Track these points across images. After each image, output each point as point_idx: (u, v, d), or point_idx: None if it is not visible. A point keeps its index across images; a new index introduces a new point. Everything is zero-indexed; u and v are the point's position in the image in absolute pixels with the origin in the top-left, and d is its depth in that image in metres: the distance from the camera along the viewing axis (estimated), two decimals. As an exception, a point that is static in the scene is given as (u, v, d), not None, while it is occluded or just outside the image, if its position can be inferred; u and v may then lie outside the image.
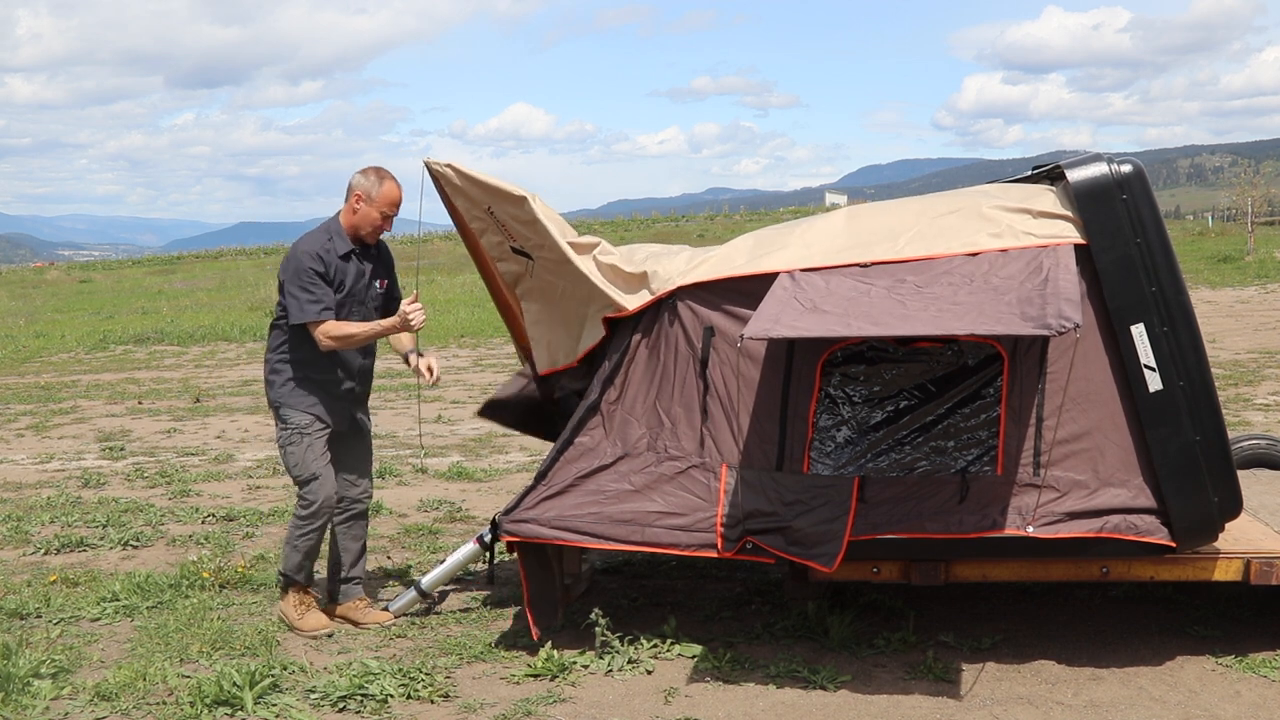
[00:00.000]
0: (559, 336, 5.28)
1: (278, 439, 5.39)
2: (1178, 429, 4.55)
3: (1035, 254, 4.63)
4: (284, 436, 5.33)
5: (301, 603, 5.42)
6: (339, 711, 4.48)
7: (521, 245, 5.16)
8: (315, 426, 5.31)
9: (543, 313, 5.28)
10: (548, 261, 5.11)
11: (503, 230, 5.16)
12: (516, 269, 5.25)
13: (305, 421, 5.30)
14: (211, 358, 19.12)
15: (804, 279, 4.71)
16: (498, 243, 5.22)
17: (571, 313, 5.20)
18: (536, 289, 5.25)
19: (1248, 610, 5.29)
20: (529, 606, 5.01)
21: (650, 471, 4.86)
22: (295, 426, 5.29)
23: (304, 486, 5.30)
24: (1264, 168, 47.67)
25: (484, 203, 5.13)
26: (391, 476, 8.97)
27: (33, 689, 4.64)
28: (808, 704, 4.45)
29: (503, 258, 5.25)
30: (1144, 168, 4.67)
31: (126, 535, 7.22)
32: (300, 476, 5.30)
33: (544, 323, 5.29)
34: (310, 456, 5.27)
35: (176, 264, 52.51)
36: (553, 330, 5.28)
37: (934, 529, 4.62)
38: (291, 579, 5.40)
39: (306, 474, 5.28)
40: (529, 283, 5.25)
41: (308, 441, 5.28)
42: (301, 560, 5.37)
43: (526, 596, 5.02)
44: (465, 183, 5.11)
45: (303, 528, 5.32)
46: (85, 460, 10.25)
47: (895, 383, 4.67)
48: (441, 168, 5.14)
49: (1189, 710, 4.34)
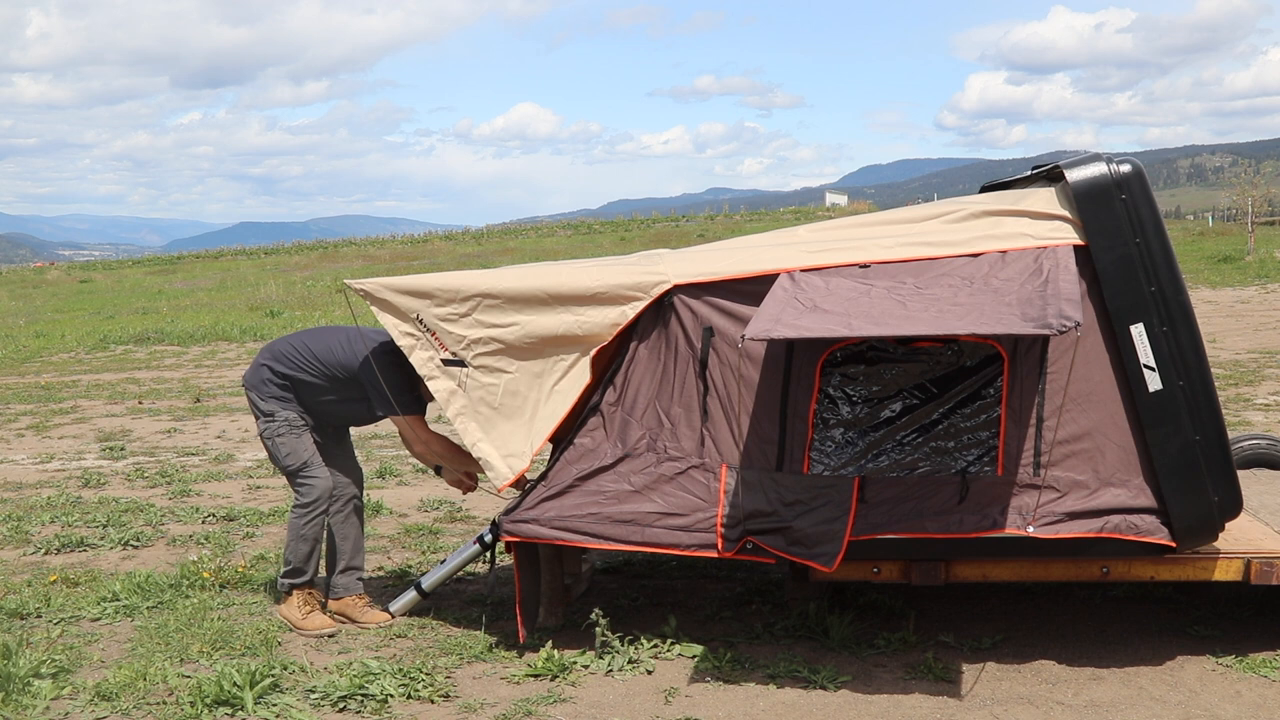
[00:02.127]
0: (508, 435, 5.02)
1: (264, 433, 5.43)
2: (1178, 429, 4.55)
3: (1035, 255, 4.64)
4: (271, 429, 5.40)
5: (305, 603, 5.46)
6: (339, 711, 4.48)
7: (455, 351, 4.98)
8: (300, 423, 5.43)
9: (482, 425, 5.03)
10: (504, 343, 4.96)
11: (433, 341, 5.01)
12: (449, 385, 5.03)
13: (292, 416, 5.41)
14: (211, 358, 19.12)
15: (804, 279, 4.71)
16: (427, 359, 5.03)
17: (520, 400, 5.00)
18: (470, 403, 5.01)
19: (1248, 610, 5.29)
20: (518, 608, 5.03)
21: (650, 472, 4.86)
22: (282, 419, 5.40)
23: (300, 474, 5.39)
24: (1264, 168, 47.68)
25: (412, 311, 5.01)
26: (391, 476, 8.98)
27: (33, 689, 4.64)
28: (808, 704, 4.45)
29: (433, 376, 5.04)
30: (1143, 167, 4.67)
31: (127, 535, 7.22)
32: (293, 466, 5.38)
33: (486, 436, 5.02)
34: (301, 445, 5.38)
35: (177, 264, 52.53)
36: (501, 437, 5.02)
37: (934, 529, 4.62)
38: (300, 573, 5.43)
39: (298, 462, 5.37)
40: (461, 400, 5.02)
41: (297, 432, 5.39)
42: (310, 550, 5.42)
43: (518, 597, 5.04)
44: (391, 294, 5.02)
45: (305, 515, 5.39)
46: (85, 460, 10.26)
47: (895, 383, 4.67)
48: (361, 285, 5.09)
49: (1189, 710, 4.34)
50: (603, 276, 4.93)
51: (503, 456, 5.01)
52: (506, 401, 5.02)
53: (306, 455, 5.37)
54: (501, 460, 5.00)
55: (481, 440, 5.02)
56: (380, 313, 5.09)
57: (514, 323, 4.98)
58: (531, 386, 5.03)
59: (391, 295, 5.05)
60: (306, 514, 5.38)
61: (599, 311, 4.92)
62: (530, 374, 5.02)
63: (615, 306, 4.92)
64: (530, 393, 5.03)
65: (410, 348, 5.06)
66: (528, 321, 4.96)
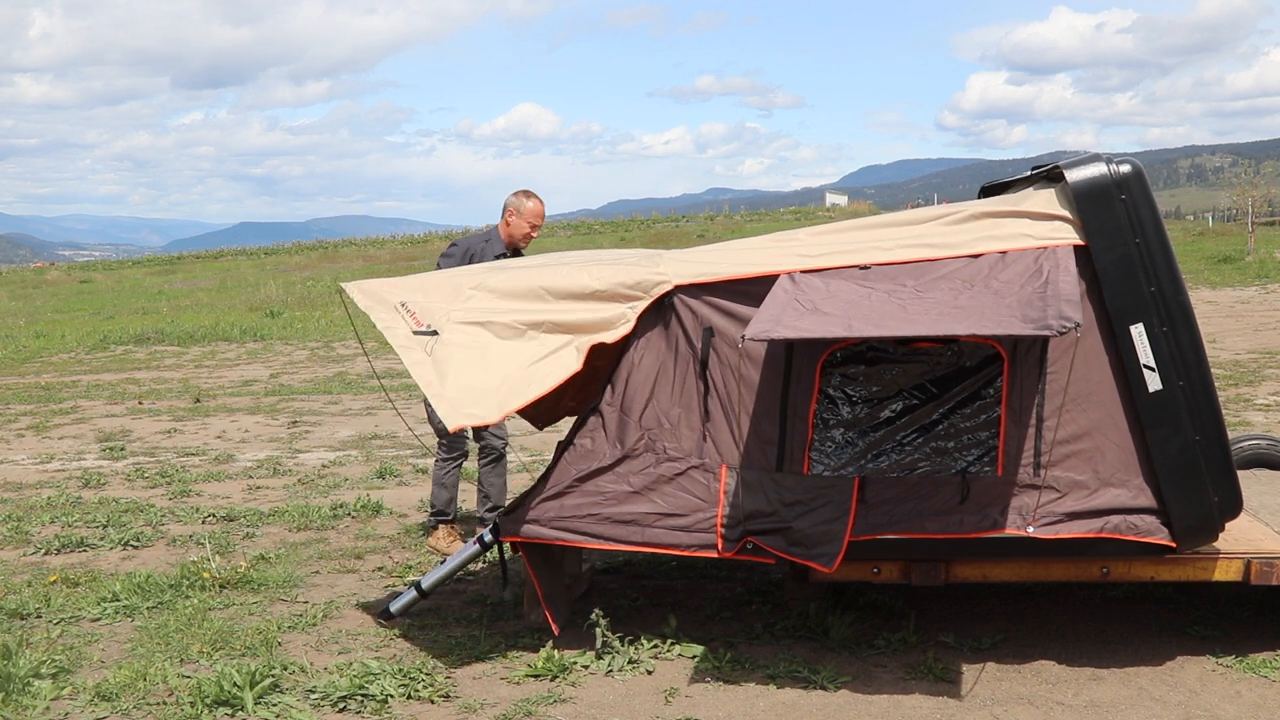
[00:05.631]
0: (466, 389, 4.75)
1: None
2: (1178, 429, 4.55)
3: (1035, 256, 4.64)
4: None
5: (449, 535, 6.72)
6: (339, 711, 4.48)
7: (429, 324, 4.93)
8: None
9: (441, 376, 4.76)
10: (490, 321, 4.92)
11: (410, 319, 4.97)
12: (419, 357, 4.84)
13: None
14: (211, 358, 19.12)
15: (804, 281, 4.71)
16: (402, 333, 4.91)
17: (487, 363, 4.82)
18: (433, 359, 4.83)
19: (1248, 610, 5.29)
20: (545, 604, 5.02)
21: (650, 472, 4.86)
22: None
23: (445, 435, 6.53)
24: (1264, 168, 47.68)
25: (398, 299, 5.06)
26: (392, 476, 8.98)
27: (33, 689, 4.65)
28: (808, 704, 4.46)
29: (405, 345, 4.87)
30: (1143, 168, 4.67)
31: (127, 535, 7.22)
32: (441, 427, 6.37)
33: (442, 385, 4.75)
34: None
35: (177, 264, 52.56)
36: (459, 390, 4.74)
37: (934, 529, 4.62)
38: (443, 514, 6.74)
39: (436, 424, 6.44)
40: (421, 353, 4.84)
41: None
42: (449, 496, 6.74)
43: (540, 595, 5.03)
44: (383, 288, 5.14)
45: (445, 467, 6.75)
46: (85, 460, 10.26)
47: (895, 383, 4.67)
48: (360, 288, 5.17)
49: (1189, 710, 4.34)
50: (603, 276, 4.93)
51: (453, 403, 4.69)
52: (473, 359, 4.81)
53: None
54: (451, 405, 4.68)
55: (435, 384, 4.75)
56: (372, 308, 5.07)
57: (508, 309, 4.97)
58: (505, 358, 4.84)
59: (382, 289, 5.08)
60: (447, 465, 6.73)
61: (597, 307, 4.92)
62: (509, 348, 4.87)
63: (615, 305, 4.92)
64: (502, 364, 4.82)
65: (389, 327, 4.94)
66: (521, 309, 4.96)
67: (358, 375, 15.75)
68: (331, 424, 11.92)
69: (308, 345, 20.68)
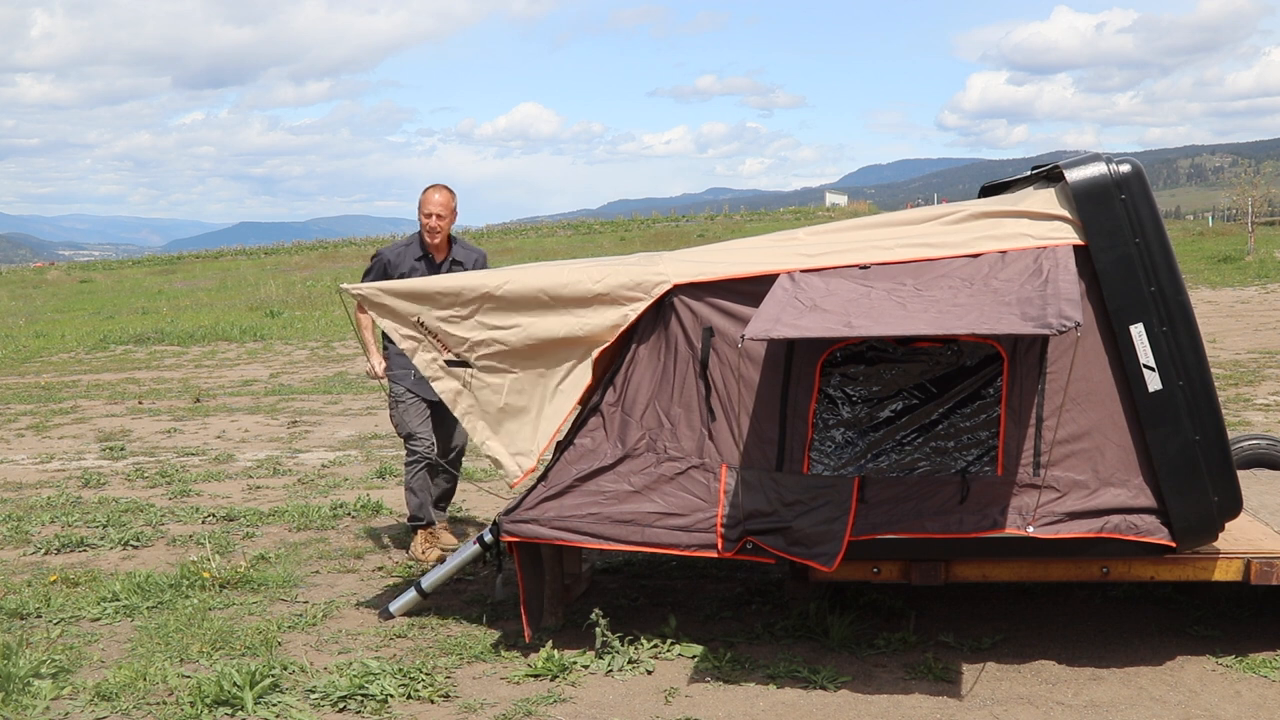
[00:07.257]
0: (514, 434, 5.10)
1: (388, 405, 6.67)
2: (1177, 429, 4.55)
3: (1035, 255, 4.64)
4: (389, 403, 6.64)
5: (426, 541, 6.60)
6: (339, 711, 4.48)
7: (458, 352, 5.04)
8: (408, 397, 6.52)
9: (490, 425, 5.10)
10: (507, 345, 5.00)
11: (435, 344, 5.06)
12: (454, 385, 5.10)
13: (400, 392, 6.54)
14: (211, 358, 19.12)
15: (804, 280, 4.71)
16: (430, 360, 5.10)
17: (525, 399, 5.06)
18: (476, 403, 5.09)
19: (1248, 610, 5.29)
20: (523, 606, 5.04)
21: (650, 472, 4.87)
22: (394, 396, 6.57)
23: (407, 441, 6.59)
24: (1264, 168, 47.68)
25: (413, 315, 5.06)
26: (392, 476, 8.98)
27: (33, 689, 4.65)
28: (808, 704, 4.46)
29: (437, 377, 5.12)
30: (1143, 167, 4.67)
31: (127, 535, 7.22)
32: (401, 433, 6.63)
33: (494, 435, 5.10)
34: (408, 417, 6.54)
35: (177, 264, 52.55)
36: (508, 435, 5.10)
37: (934, 529, 4.62)
38: (417, 519, 6.61)
39: (405, 430, 6.58)
40: (468, 400, 5.10)
41: (403, 407, 6.53)
42: (420, 500, 6.59)
43: (522, 597, 5.04)
44: (389, 298, 5.08)
45: (412, 470, 6.61)
46: (85, 460, 10.26)
47: (895, 383, 4.67)
48: (358, 289, 5.15)
49: (1189, 710, 4.34)
50: (603, 277, 4.94)
51: (511, 454, 5.11)
52: (512, 400, 5.08)
53: (411, 426, 6.51)
54: (510, 458, 5.11)
55: (490, 439, 5.12)
56: (380, 317, 5.14)
57: (516, 324, 5.00)
58: (535, 386, 5.07)
59: (389, 299, 5.08)
60: (412, 470, 6.59)
61: (600, 312, 4.94)
62: (534, 374, 5.07)
63: (616, 307, 4.93)
64: (535, 391, 5.08)
65: (413, 350, 5.14)
66: (529, 323, 4.99)
67: (357, 375, 15.74)
68: (331, 424, 11.92)
69: (308, 345, 20.68)
